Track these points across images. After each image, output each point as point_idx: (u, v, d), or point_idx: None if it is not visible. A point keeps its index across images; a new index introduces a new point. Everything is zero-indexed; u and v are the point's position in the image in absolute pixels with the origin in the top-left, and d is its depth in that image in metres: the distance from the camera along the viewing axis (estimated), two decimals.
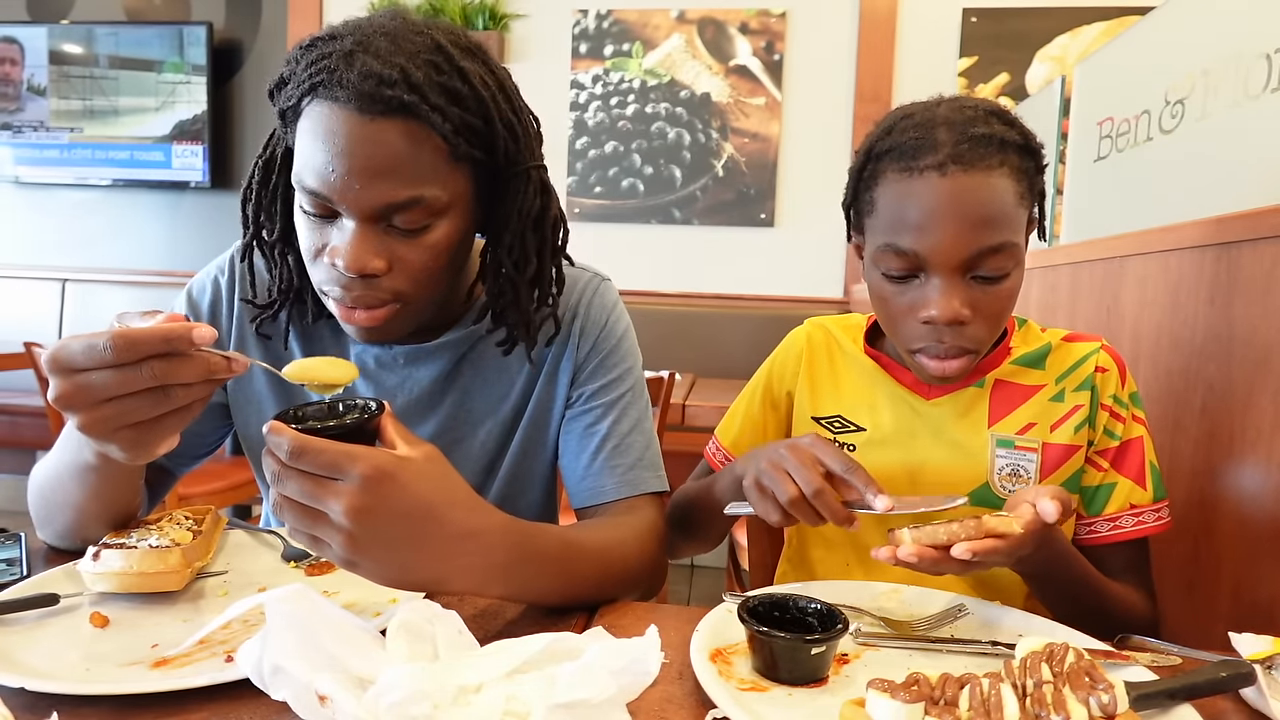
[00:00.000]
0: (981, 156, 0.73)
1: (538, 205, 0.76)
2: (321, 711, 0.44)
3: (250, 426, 0.88)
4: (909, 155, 0.75)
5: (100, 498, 0.71)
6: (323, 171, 0.66)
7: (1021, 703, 0.48)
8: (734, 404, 1.01)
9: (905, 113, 0.80)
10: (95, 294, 3.38)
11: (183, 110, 3.30)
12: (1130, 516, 0.83)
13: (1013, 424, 0.84)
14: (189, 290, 0.87)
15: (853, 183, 0.83)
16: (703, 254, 3.17)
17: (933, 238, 0.74)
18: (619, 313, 0.90)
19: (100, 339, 0.52)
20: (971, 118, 0.75)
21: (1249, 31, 1.00)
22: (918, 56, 2.97)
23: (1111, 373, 0.84)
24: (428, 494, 0.55)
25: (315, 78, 0.65)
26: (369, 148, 0.65)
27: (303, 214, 0.71)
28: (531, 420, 0.87)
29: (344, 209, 0.67)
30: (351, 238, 0.67)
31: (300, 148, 0.68)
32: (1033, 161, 0.77)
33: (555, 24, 3.18)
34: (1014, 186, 0.75)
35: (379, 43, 0.66)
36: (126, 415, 0.54)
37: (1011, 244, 0.75)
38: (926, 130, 0.75)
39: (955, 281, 0.75)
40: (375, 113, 0.64)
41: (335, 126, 0.65)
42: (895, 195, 0.76)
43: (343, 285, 0.69)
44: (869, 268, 0.82)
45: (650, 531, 0.79)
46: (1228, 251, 0.94)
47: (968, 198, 0.73)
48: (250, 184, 0.78)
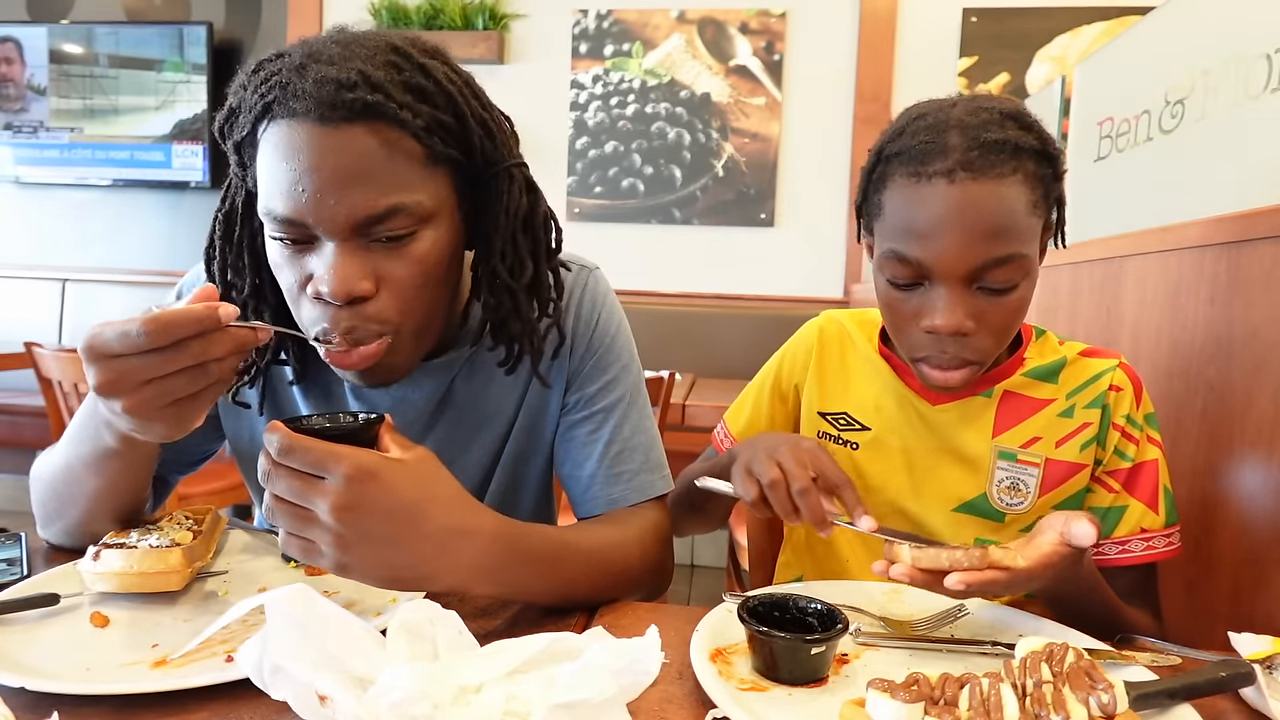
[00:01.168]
0: (993, 164, 0.70)
1: (525, 204, 0.72)
2: (321, 711, 0.44)
3: (241, 436, 0.87)
4: (918, 160, 0.73)
5: (115, 487, 0.72)
6: (291, 192, 0.62)
7: (1021, 703, 0.48)
8: (744, 391, 1.01)
9: (918, 112, 0.77)
10: (95, 294, 3.39)
11: (183, 110, 3.30)
12: (1140, 541, 0.81)
13: (1017, 436, 0.83)
14: (180, 288, 0.86)
15: (863, 183, 0.81)
16: (703, 254, 3.17)
17: (938, 247, 0.72)
18: (610, 306, 0.86)
19: (133, 325, 0.53)
20: (986, 121, 0.72)
21: (1249, 31, 1.00)
22: (918, 56, 2.97)
23: (1126, 392, 0.82)
24: (412, 492, 0.55)
25: (267, 97, 0.62)
26: (336, 158, 0.61)
27: (278, 250, 0.66)
28: (524, 427, 0.85)
29: (320, 230, 0.63)
30: (333, 260, 0.63)
31: (264, 176, 0.64)
32: (1050, 167, 0.74)
33: (555, 24, 3.18)
34: (1027, 194, 0.72)
35: (330, 50, 0.63)
36: (168, 394, 0.55)
37: (1020, 255, 0.72)
38: (937, 134, 0.73)
39: (960, 292, 0.73)
40: (338, 120, 0.60)
41: (298, 142, 0.61)
42: (902, 201, 0.74)
43: (330, 320, 0.65)
44: (876, 271, 0.80)
45: (653, 532, 0.79)
46: (1228, 251, 0.94)
47: (976, 207, 0.70)
48: (212, 240, 0.74)
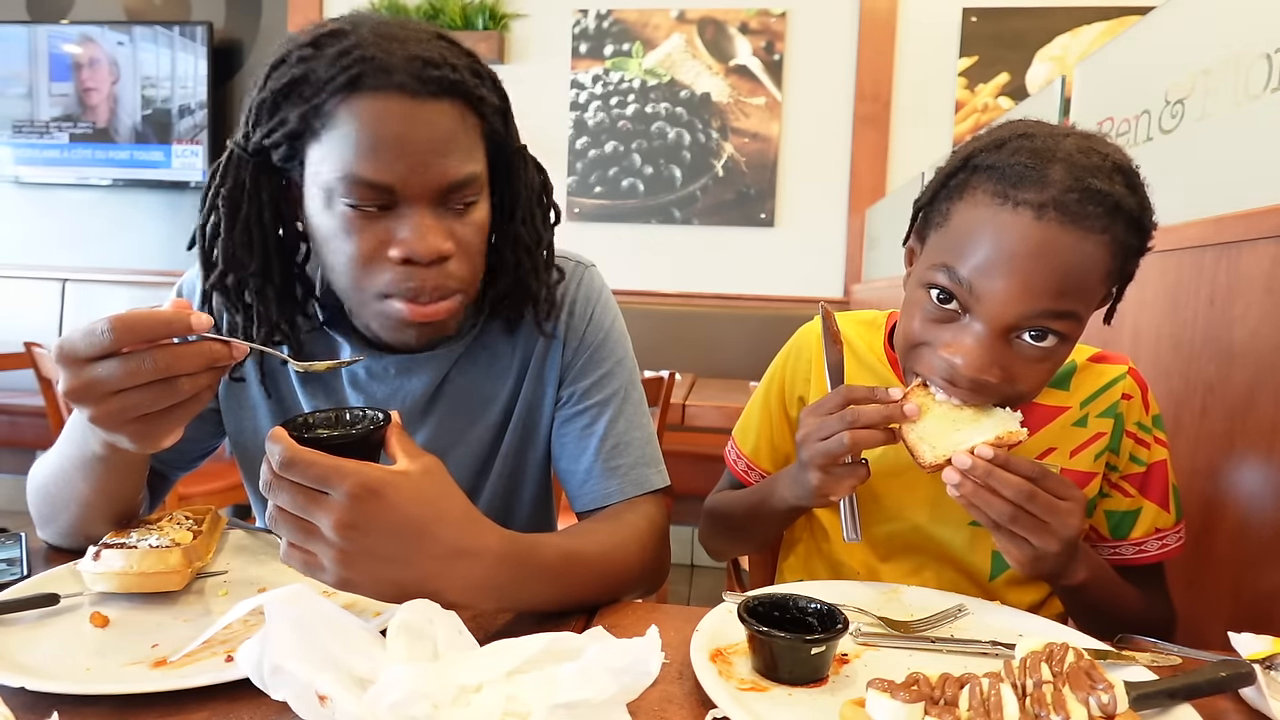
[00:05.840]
0: (1088, 215, 0.63)
1: (538, 181, 0.80)
2: (321, 711, 0.44)
3: (244, 433, 0.87)
4: (1011, 181, 0.65)
5: (105, 491, 0.72)
6: (385, 159, 0.65)
7: (1021, 703, 0.48)
8: (747, 407, 0.98)
9: (1025, 130, 0.69)
10: (95, 294, 3.39)
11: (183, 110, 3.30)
12: (1155, 540, 0.82)
13: (1033, 447, 0.81)
14: (179, 288, 0.86)
15: (936, 184, 0.73)
16: (703, 254, 3.17)
17: (996, 282, 0.65)
18: (604, 302, 0.88)
19: (100, 324, 0.53)
20: (1096, 166, 0.65)
21: (1249, 31, 1.00)
22: (918, 56, 2.97)
23: (1136, 399, 0.82)
24: (418, 510, 0.54)
25: (351, 69, 0.65)
26: (429, 129, 0.66)
27: (352, 218, 0.67)
28: (521, 419, 0.87)
29: (407, 195, 0.67)
30: (420, 223, 0.67)
31: (345, 145, 0.66)
32: (1138, 240, 0.67)
33: (555, 24, 3.18)
34: (1108, 259, 0.65)
35: (397, 31, 0.67)
36: (134, 408, 0.55)
37: (1076, 315, 0.66)
38: (1041, 161, 0.65)
39: (996, 339, 0.66)
40: (427, 94, 0.66)
41: (393, 113, 0.65)
42: (976, 219, 0.67)
43: (417, 280, 0.68)
44: (914, 285, 0.74)
45: (651, 530, 0.79)
46: (1228, 251, 0.94)
47: (1055, 255, 0.63)
48: (213, 223, 0.72)
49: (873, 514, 0.84)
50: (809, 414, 0.74)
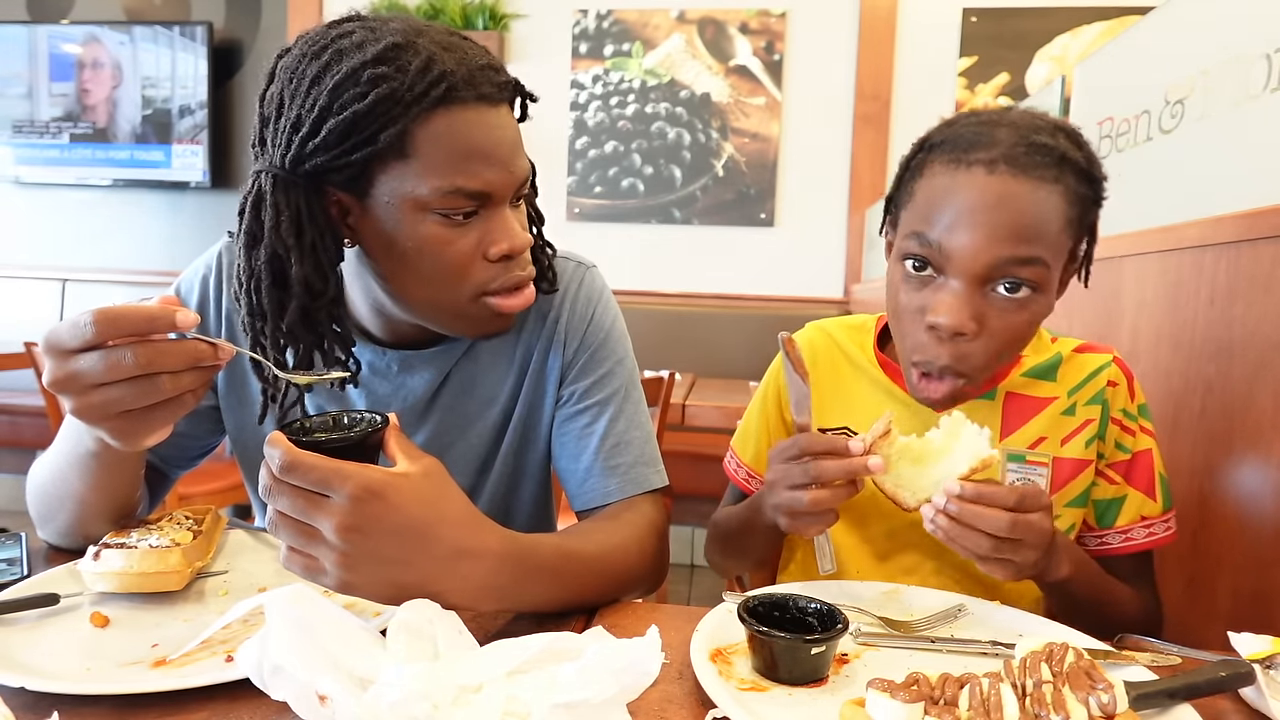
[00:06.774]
0: (1037, 165, 0.68)
1: (531, 168, 0.81)
2: (321, 711, 0.44)
3: (244, 431, 0.87)
4: (961, 148, 0.71)
5: (101, 488, 0.72)
6: (481, 168, 0.68)
7: (1021, 702, 0.48)
8: (745, 416, 0.99)
9: (971, 110, 0.77)
10: (95, 294, 3.39)
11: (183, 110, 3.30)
12: (1142, 528, 0.82)
13: (1024, 438, 0.82)
14: (176, 288, 0.86)
15: (899, 173, 0.79)
16: (703, 254, 3.17)
17: (961, 237, 0.69)
18: (605, 302, 0.88)
19: (84, 317, 0.53)
20: (1039, 126, 0.71)
21: (1249, 31, 1.00)
22: (918, 56, 2.97)
23: (1121, 386, 0.83)
24: (420, 512, 0.54)
25: (440, 86, 0.65)
26: (507, 134, 0.71)
27: (447, 226, 0.69)
28: (521, 419, 0.87)
29: (498, 197, 0.71)
30: (510, 221, 0.72)
31: (437, 161, 0.66)
32: (1090, 190, 0.72)
33: (555, 24, 3.18)
34: (1064, 207, 0.69)
35: (451, 40, 0.69)
36: (116, 403, 0.55)
37: (1043, 261, 0.70)
38: (988, 127, 0.72)
39: (971, 291, 0.71)
40: (498, 100, 0.70)
41: (482, 123, 0.68)
42: (936, 185, 0.72)
43: (512, 273, 0.73)
44: (892, 263, 0.78)
45: (650, 530, 0.79)
46: (1227, 251, 0.94)
47: (1010, 202, 0.68)
48: (282, 251, 0.67)
49: (871, 512, 0.84)
50: (774, 458, 0.75)
